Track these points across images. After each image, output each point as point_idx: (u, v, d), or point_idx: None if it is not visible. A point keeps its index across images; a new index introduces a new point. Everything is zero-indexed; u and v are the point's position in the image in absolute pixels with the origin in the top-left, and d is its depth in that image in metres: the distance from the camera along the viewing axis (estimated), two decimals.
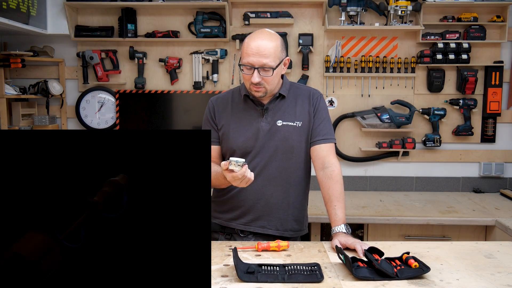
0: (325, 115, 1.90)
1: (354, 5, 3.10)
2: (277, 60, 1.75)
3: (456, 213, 2.76)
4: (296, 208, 1.91)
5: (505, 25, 3.14)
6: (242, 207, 1.88)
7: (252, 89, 1.79)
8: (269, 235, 1.88)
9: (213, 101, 1.95)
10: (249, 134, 1.84)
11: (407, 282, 1.41)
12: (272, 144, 1.83)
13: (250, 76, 1.75)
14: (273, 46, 1.73)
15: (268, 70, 1.73)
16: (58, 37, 3.27)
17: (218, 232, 1.95)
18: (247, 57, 1.73)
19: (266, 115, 1.85)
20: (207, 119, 1.94)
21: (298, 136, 1.85)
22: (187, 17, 3.27)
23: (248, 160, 1.83)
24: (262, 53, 1.71)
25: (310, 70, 3.27)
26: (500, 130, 3.31)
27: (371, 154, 3.33)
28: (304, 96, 1.89)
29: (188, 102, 3.28)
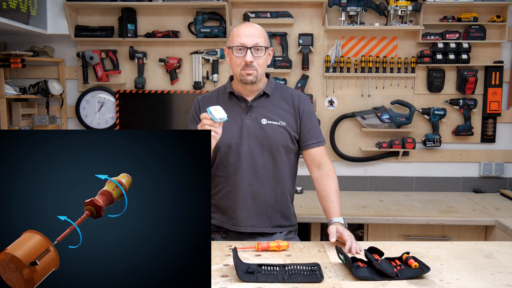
0: (314, 118, 1.93)
1: (354, 5, 3.10)
2: (267, 42, 1.82)
3: (456, 213, 2.76)
4: (283, 205, 1.93)
5: (505, 25, 3.14)
6: (231, 207, 1.89)
7: (244, 73, 1.79)
8: (259, 233, 1.89)
9: (199, 99, 1.97)
10: (233, 130, 1.85)
11: (407, 282, 1.41)
12: (256, 141, 1.85)
13: (242, 58, 1.77)
14: (263, 31, 1.83)
15: (260, 50, 1.78)
16: (58, 37, 3.27)
17: (214, 232, 1.96)
18: (239, 39, 1.78)
19: (250, 112, 1.86)
20: (193, 116, 1.95)
21: (281, 135, 1.86)
22: (187, 17, 3.27)
23: (233, 156, 1.86)
24: (254, 34, 1.78)
25: (310, 70, 3.27)
26: (500, 130, 3.31)
27: (371, 154, 3.33)
28: (289, 99, 1.91)
29: (188, 102, 3.28)
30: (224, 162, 1.88)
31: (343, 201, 3.00)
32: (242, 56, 1.78)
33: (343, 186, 3.32)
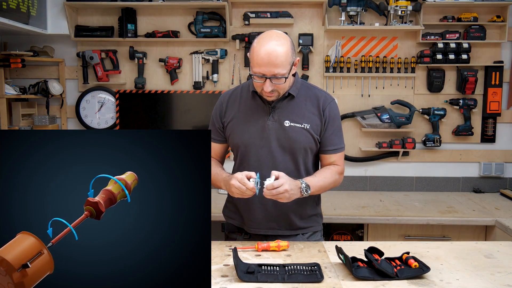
0: (338, 123, 1.87)
1: (354, 5, 3.10)
2: (288, 67, 1.69)
3: (456, 213, 2.76)
4: (303, 208, 1.89)
5: (505, 25, 3.14)
6: (251, 208, 1.86)
7: (264, 95, 1.75)
8: (280, 235, 1.86)
9: (224, 96, 1.93)
10: (254, 130, 1.82)
11: (407, 282, 1.41)
12: (278, 143, 1.81)
13: (262, 84, 1.70)
14: (284, 53, 1.66)
15: (280, 79, 1.69)
16: (58, 37, 3.27)
17: (236, 233, 1.95)
18: (258, 67, 1.67)
19: (273, 114, 1.81)
20: (215, 114, 1.93)
21: (304, 138, 1.81)
22: (187, 17, 3.27)
23: (253, 157, 1.83)
24: (273, 63, 1.64)
25: (310, 70, 3.27)
26: (500, 130, 3.31)
27: (371, 154, 3.33)
28: (314, 99, 1.85)
29: (188, 102, 3.28)
30: (244, 163, 1.86)
31: (343, 201, 3.03)
32: (261, 83, 1.71)
33: (343, 186, 3.32)
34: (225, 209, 2.01)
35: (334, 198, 3.09)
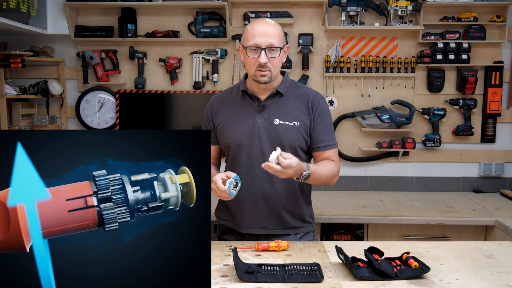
0: (327, 119, 1.88)
1: (354, 5, 3.10)
2: (281, 42, 1.78)
3: (456, 213, 2.76)
4: (296, 207, 1.90)
5: (505, 25, 3.14)
6: (243, 208, 1.87)
7: (258, 74, 1.77)
8: (272, 235, 1.87)
9: (214, 101, 1.96)
10: (245, 129, 1.84)
11: (407, 282, 1.41)
12: (268, 141, 1.82)
13: (256, 59, 1.74)
14: (278, 29, 1.78)
15: (275, 50, 1.75)
16: (58, 37, 3.27)
17: (228, 234, 1.95)
18: (253, 39, 1.74)
19: (262, 112, 1.84)
20: (207, 118, 1.95)
21: (294, 136, 1.83)
22: (187, 17, 3.27)
23: (244, 156, 1.84)
24: (269, 33, 1.74)
25: (310, 70, 3.27)
26: (500, 130, 3.31)
27: (371, 154, 3.33)
28: (303, 98, 1.87)
29: (188, 102, 3.28)
30: (235, 162, 1.86)
31: (343, 201, 3.03)
32: (256, 57, 1.75)
33: (343, 186, 3.32)
34: (217, 211, 2.01)
35: (334, 198, 3.09)
